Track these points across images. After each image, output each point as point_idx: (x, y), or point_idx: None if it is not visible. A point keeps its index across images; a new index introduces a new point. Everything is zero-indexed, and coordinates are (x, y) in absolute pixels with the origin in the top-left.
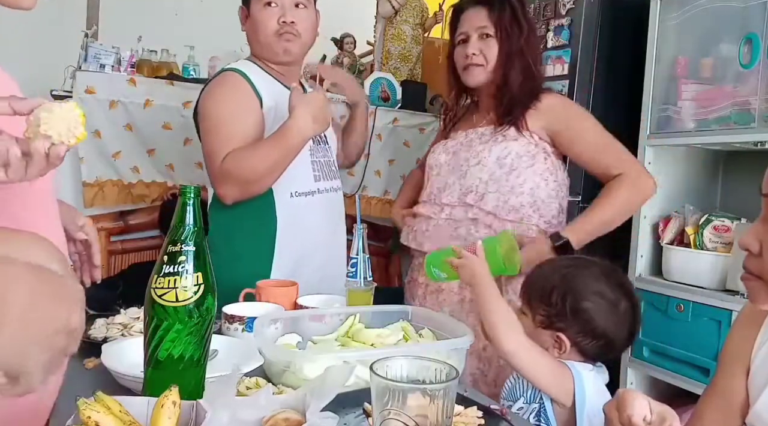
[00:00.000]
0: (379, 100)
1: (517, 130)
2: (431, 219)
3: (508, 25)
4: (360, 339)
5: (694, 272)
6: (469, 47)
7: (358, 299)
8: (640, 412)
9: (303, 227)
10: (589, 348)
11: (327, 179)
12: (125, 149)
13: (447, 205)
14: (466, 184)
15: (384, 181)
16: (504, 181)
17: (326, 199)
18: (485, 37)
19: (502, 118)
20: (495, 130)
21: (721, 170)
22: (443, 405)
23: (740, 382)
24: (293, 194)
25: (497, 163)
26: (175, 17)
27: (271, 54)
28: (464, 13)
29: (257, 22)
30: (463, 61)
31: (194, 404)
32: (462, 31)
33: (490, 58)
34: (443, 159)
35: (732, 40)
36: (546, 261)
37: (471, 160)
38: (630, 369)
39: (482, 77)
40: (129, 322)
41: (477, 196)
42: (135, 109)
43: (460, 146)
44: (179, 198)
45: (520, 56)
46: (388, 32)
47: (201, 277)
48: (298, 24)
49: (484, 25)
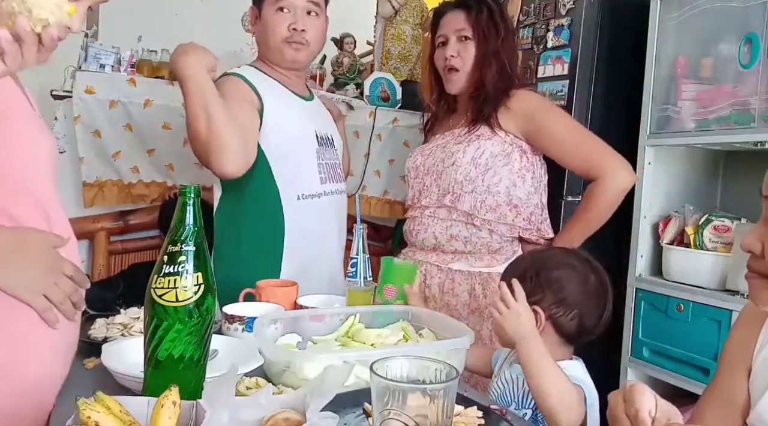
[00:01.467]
0: (379, 100)
1: (491, 129)
2: (416, 218)
3: (485, 27)
4: (360, 339)
5: (694, 272)
6: (448, 49)
7: (358, 299)
8: (648, 407)
9: (311, 230)
10: (564, 322)
11: (333, 181)
12: (125, 149)
13: (427, 207)
14: (442, 185)
15: (384, 181)
16: (480, 181)
17: (332, 201)
18: (464, 40)
19: (474, 117)
20: (469, 130)
21: (721, 170)
22: (443, 405)
23: (741, 383)
24: (300, 197)
25: (472, 162)
26: (175, 17)
27: (278, 59)
28: (444, 17)
29: (268, 26)
30: (443, 63)
31: (194, 404)
32: (441, 34)
33: (467, 60)
34: (419, 161)
35: (732, 40)
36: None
37: (446, 161)
38: (630, 369)
39: (461, 83)
40: (129, 322)
41: (453, 197)
42: (135, 109)
43: (436, 148)
44: (179, 198)
45: (496, 57)
46: (388, 32)
47: (201, 277)
48: (308, 32)
49: (462, 27)
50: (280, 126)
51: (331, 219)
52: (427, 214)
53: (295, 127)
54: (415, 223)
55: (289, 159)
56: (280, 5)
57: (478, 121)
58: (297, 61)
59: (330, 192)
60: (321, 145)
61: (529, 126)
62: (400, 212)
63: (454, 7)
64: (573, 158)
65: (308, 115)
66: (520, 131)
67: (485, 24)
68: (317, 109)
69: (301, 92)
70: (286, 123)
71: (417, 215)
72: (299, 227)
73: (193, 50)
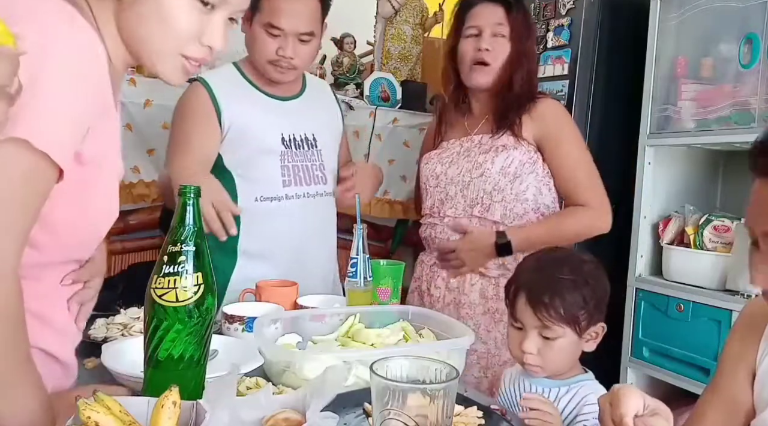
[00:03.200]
0: (379, 100)
1: (515, 137)
2: (436, 226)
3: (522, 27)
4: (360, 339)
5: (694, 272)
6: (483, 42)
7: (358, 299)
8: (633, 410)
9: (269, 232)
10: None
11: (303, 184)
12: (125, 149)
13: (451, 217)
14: (470, 195)
15: (384, 181)
16: (508, 190)
17: (302, 205)
18: (499, 36)
19: (498, 123)
20: (493, 138)
21: (721, 170)
22: (443, 405)
23: (744, 386)
24: (258, 198)
25: (501, 172)
26: None
27: (262, 72)
28: (476, 8)
29: (255, 41)
30: (473, 55)
31: (194, 404)
32: (474, 25)
33: (500, 56)
34: (439, 170)
35: (732, 40)
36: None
37: (473, 172)
38: (630, 369)
39: (489, 78)
40: (129, 322)
41: (483, 208)
42: (135, 109)
43: (457, 156)
44: (179, 198)
45: (526, 58)
46: (388, 32)
47: (201, 277)
48: (296, 58)
49: (500, 23)
50: (238, 133)
51: (302, 222)
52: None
53: (256, 131)
54: (436, 230)
55: (248, 163)
56: (272, 31)
57: (501, 127)
58: (281, 81)
59: (298, 195)
60: (289, 148)
61: (543, 133)
62: (400, 212)
63: (490, 0)
64: (567, 179)
65: (278, 117)
66: (535, 137)
67: (522, 24)
68: (299, 107)
69: (282, 93)
70: (245, 129)
71: (437, 222)
72: (255, 229)
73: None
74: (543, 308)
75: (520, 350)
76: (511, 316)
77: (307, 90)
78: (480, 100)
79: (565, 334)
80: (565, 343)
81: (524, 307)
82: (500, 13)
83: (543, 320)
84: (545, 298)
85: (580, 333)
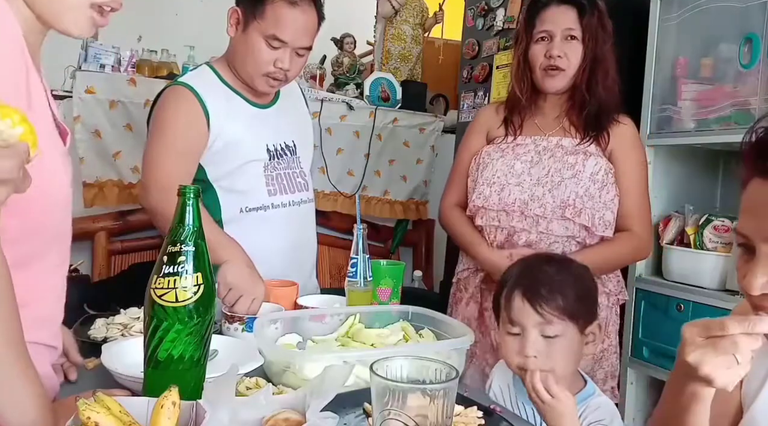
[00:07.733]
0: (379, 100)
1: (599, 146)
2: (524, 231)
3: (595, 29)
4: (360, 339)
5: (694, 272)
6: (554, 48)
7: (358, 299)
8: None
9: (257, 243)
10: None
11: (288, 192)
12: (125, 149)
13: (541, 217)
14: (560, 196)
15: (384, 181)
16: (597, 197)
17: (288, 213)
18: (569, 39)
19: (586, 130)
20: (580, 143)
21: (721, 170)
22: (443, 405)
23: None
24: (243, 209)
25: (591, 178)
26: (175, 17)
27: (248, 81)
28: (547, 10)
29: (251, 52)
30: (545, 62)
31: (194, 404)
32: (545, 29)
33: (573, 61)
34: (519, 167)
35: (732, 40)
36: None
37: (565, 172)
38: (630, 369)
39: (563, 83)
40: (129, 322)
41: (575, 211)
42: (135, 109)
43: (538, 155)
44: (179, 198)
45: (601, 62)
46: (388, 32)
47: (201, 277)
48: (290, 71)
49: (571, 26)
50: (226, 145)
51: (287, 230)
52: (539, 229)
53: (244, 144)
54: (521, 236)
55: (233, 175)
56: (274, 43)
57: (588, 134)
58: (268, 93)
59: (284, 204)
60: (274, 158)
61: (619, 152)
62: (400, 212)
63: (562, 2)
64: (622, 203)
65: (263, 128)
66: (608, 153)
67: (596, 26)
68: (277, 114)
69: (262, 101)
70: (232, 141)
71: (525, 228)
72: (241, 240)
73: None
74: (543, 301)
75: (520, 357)
76: (506, 322)
77: (281, 94)
78: (552, 101)
79: (566, 332)
80: (567, 342)
81: (522, 305)
82: (572, 15)
83: (543, 315)
84: (543, 292)
85: (581, 329)
